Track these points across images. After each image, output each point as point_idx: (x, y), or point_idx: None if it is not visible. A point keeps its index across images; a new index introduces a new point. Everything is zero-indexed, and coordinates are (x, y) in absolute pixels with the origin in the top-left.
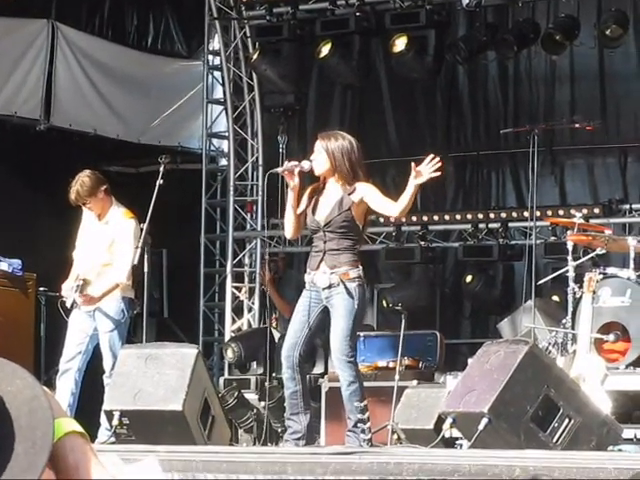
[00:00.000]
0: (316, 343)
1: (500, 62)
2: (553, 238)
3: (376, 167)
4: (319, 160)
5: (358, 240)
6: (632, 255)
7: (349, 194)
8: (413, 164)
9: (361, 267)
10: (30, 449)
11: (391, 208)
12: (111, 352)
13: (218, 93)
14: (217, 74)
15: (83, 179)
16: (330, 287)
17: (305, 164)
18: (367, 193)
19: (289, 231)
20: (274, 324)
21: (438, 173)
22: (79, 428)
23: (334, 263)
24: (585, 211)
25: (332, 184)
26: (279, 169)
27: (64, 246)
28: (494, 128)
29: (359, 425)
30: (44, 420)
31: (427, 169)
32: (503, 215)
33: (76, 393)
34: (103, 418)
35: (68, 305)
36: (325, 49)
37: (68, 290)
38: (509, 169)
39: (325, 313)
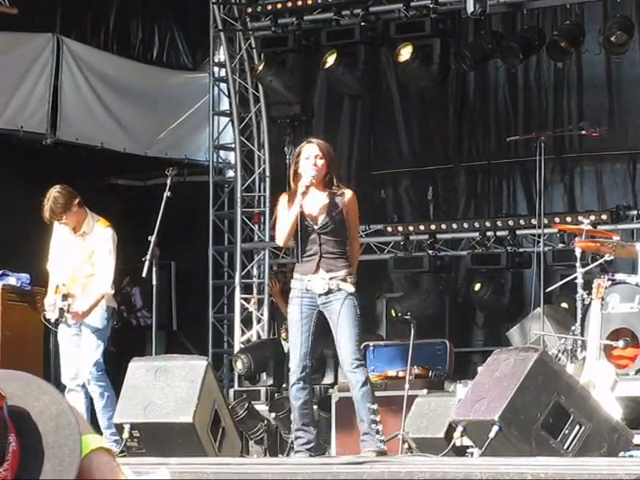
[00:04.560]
0: (326, 354)
1: (509, 70)
2: (561, 245)
3: (388, 178)
4: (320, 166)
5: (347, 243)
6: None
7: (339, 196)
8: None
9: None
10: (58, 466)
11: (352, 243)
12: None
13: (224, 105)
14: (223, 86)
15: (55, 195)
16: (328, 293)
17: (313, 172)
18: (350, 210)
19: (287, 238)
20: (283, 335)
21: None
22: (106, 445)
23: (331, 267)
24: (593, 218)
25: (315, 187)
26: (303, 189)
27: None
28: (504, 137)
29: (373, 426)
30: (71, 437)
31: None
32: (511, 223)
33: (89, 407)
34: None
35: (52, 320)
36: (330, 59)
37: (51, 305)
38: (520, 177)
39: (320, 318)
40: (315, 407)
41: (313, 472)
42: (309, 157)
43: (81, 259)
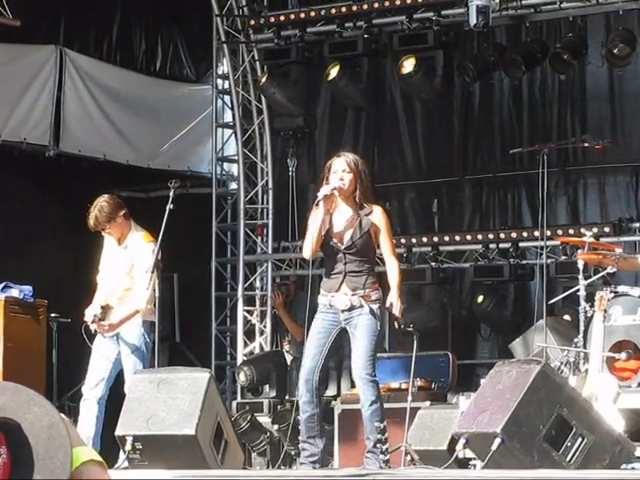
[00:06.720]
0: (329, 366)
1: (513, 83)
2: (564, 257)
3: (394, 190)
4: (346, 180)
5: (374, 261)
6: None
7: (366, 215)
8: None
9: (380, 289)
10: (48, 478)
11: (388, 263)
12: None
13: (227, 117)
14: (226, 98)
15: (102, 204)
16: (351, 309)
17: (337, 184)
18: (381, 229)
19: (313, 251)
20: (286, 347)
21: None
22: (97, 457)
23: (355, 285)
24: (595, 230)
25: (344, 204)
26: (321, 196)
27: (75, 272)
28: (509, 149)
29: (378, 446)
30: (62, 449)
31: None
32: (514, 235)
33: (101, 419)
34: None
35: (93, 330)
36: (333, 71)
37: (91, 316)
38: (525, 190)
39: (341, 335)
40: None
41: None
42: (336, 171)
43: (121, 272)
